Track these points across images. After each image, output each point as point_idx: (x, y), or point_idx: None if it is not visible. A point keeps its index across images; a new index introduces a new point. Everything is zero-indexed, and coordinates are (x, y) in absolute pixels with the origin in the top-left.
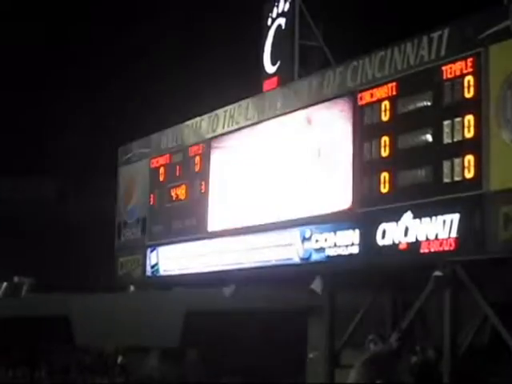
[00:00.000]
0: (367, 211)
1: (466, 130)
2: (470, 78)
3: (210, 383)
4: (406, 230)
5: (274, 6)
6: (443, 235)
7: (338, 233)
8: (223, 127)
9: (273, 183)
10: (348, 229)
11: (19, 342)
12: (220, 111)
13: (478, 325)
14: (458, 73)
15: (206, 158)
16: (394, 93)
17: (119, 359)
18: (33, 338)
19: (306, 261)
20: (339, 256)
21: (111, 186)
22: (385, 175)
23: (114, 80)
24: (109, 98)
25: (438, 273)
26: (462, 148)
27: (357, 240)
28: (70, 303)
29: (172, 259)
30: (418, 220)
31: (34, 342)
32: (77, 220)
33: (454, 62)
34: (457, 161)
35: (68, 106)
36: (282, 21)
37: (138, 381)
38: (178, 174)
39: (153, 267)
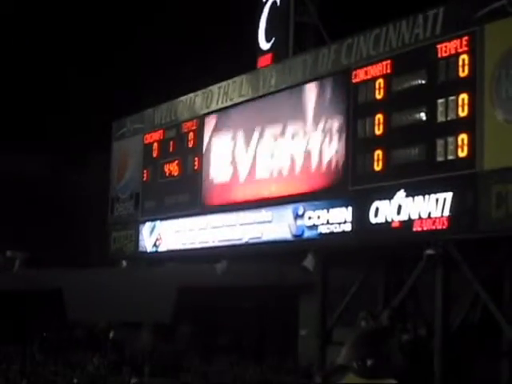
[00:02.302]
0: (360, 189)
1: (459, 108)
2: (464, 57)
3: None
4: (398, 208)
5: None
6: (436, 214)
7: (331, 210)
8: (217, 103)
9: (266, 160)
10: (341, 206)
11: (11, 317)
12: (214, 87)
13: (470, 303)
14: (452, 51)
15: (199, 134)
16: (389, 71)
17: (111, 334)
18: (25, 313)
19: (298, 238)
20: (332, 233)
21: (105, 162)
22: (378, 153)
23: (110, 55)
24: (104, 73)
25: (430, 251)
26: (455, 127)
27: (349, 218)
28: (62, 278)
29: (165, 235)
30: (410, 198)
31: (26, 317)
32: (70, 195)
33: (449, 40)
34: (450, 139)
35: (63, 80)
36: None
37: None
38: (171, 149)
39: (145, 242)
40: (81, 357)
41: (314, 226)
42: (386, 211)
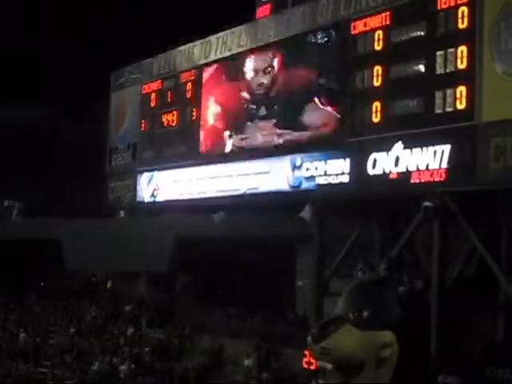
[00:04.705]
0: (358, 141)
1: (458, 60)
2: (464, 9)
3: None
4: (396, 160)
5: None
6: (434, 166)
7: (329, 162)
8: (215, 54)
9: (265, 111)
10: (339, 158)
11: (8, 267)
12: (213, 38)
13: (466, 256)
14: (452, 3)
15: (197, 84)
16: (388, 22)
17: (108, 284)
18: (22, 263)
19: (296, 189)
20: (329, 185)
21: (103, 112)
22: (376, 105)
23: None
24: (102, 23)
25: (427, 203)
26: (454, 79)
27: (347, 169)
28: (60, 228)
29: (162, 185)
30: (408, 150)
31: (24, 267)
32: (68, 146)
33: None
34: (449, 92)
35: (61, 32)
36: None
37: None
38: (169, 100)
39: (143, 193)
40: (78, 307)
41: (312, 178)
42: (383, 163)
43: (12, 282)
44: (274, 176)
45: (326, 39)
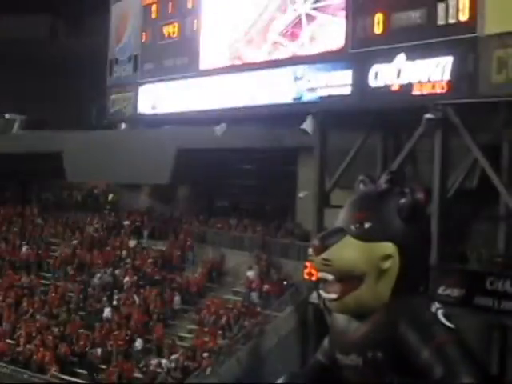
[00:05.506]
0: (360, 52)
1: None
2: None
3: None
4: (398, 72)
5: None
6: (436, 78)
7: (331, 73)
8: None
9: (267, 20)
10: (341, 69)
11: (10, 179)
12: None
13: (468, 168)
14: None
15: None
16: None
17: (110, 196)
18: (24, 175)
19: (297, 100)
20: (331, 96)
21: (104, 24)
22: (379, 16)
23: None
24: None
25: (429, 115)
26: None
27: (349, 81)
28: (61, 140)
29: (163, 97)
30: (410, 62)
31: (25, 179)
32: (69, 57)
33: None
34: (451, 3)
35: None
36: None
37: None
38: (170, 11)
39: (144, 105)
40: (80, 218)
41: (313, 89)
42: (385, 75)
43: (14, 193)
44: (275, 88)
45: None
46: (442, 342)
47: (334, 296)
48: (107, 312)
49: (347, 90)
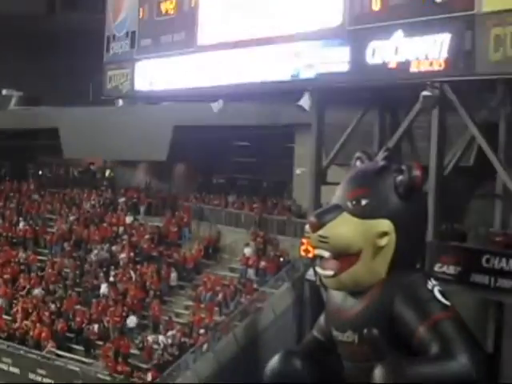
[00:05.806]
0: (358, 29)
1: None
2: None
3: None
4: (396, 49)
5: None
6: (433, 55)
7: (328, 50)
8: None
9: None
10: (338, 46)
11: (7, 155)
12: None
13: (465, 145)
14: None
15: None
16: None
17: (107, 173)
18: (21, 151)
19: (294, 77)
20: (328, 73)
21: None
22: None
23: None
24: None
25: (426, 92)
26: None
27: (347, 58)
28: (58, 116)
29: (161, 73)
30: (408, 39)
31: (22, 155)
32: (66, 33)
33: None
34: None
35: None
36: None
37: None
38: None
39: (141, 81)
40: (77, 195)
41: (311, 66)
42: (383, 52)
43: (11, 169)
44: (272, 64)
45: None
46: (438, 320)
47: (330, 273)
48: (104, 288)
49: (345, 67)
